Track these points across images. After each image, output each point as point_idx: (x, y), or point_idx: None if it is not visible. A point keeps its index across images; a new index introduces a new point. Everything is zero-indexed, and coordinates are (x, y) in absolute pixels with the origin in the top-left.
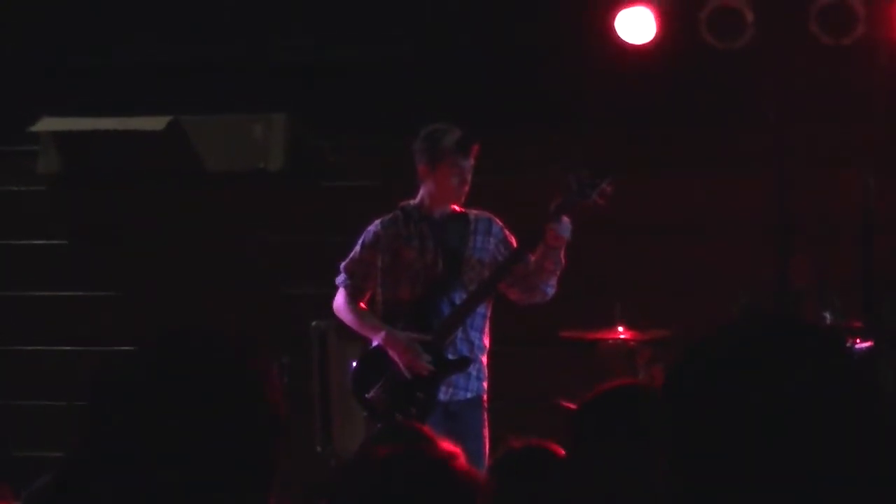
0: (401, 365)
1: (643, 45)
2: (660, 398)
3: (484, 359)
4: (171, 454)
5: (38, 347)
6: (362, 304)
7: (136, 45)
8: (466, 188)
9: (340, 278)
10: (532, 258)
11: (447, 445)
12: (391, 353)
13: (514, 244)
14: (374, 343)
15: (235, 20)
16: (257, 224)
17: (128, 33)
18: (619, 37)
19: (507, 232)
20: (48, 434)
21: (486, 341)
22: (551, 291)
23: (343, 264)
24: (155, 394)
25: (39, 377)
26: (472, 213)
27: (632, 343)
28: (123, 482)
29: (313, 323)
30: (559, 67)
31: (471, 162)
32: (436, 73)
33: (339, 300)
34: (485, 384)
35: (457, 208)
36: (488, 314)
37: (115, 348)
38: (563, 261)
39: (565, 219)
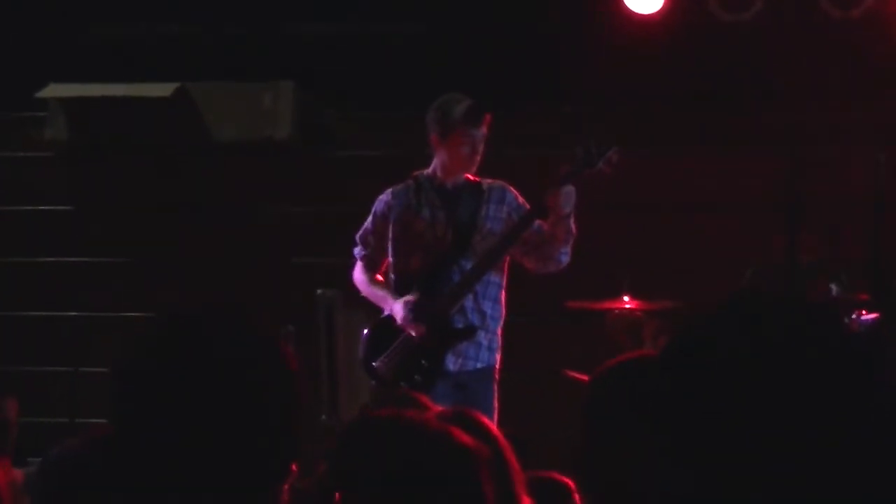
0: (402, 326)
1: (650, 16)
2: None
3: (498, 330)
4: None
5: (44, 313)
6: (378, 276)
7: (144, 12)
8: (478, 158)
9: (356, 249)
10: (545, 227)
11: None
12: (396, 318)
13: None
14: (385, 313)
15: None
16: (264, 192)
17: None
18: (626, 7)
19: (521, 200)
20: (54, 400)
21: (502, 312)
22: (566, 259)
23: (357, 235)
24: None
25: (45, 343)
26: (486, 182)
27: (638, 314)
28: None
29: (319, 291)
30: (566, 38)
31: (482, 131)
32: (443, 46)
33: (356, 271)
34: (497, 355)
35: (470, 177)
36: (504, 284)
37: (120, 314)
38: (573, 230)
39: (569, 187)
